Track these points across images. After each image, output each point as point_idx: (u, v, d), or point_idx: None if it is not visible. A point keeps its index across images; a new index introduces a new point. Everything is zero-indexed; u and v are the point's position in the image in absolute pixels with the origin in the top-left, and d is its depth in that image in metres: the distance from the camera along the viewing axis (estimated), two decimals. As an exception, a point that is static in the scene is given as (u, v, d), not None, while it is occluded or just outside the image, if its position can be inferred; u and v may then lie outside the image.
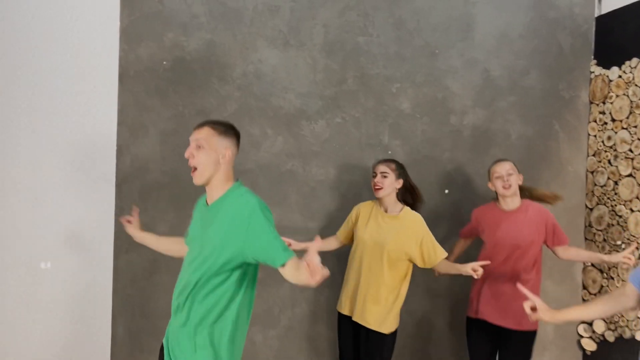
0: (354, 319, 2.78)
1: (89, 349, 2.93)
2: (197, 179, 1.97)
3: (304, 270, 1.69)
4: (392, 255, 2.72)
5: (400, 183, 2.82)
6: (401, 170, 2.83)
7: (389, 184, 2.78)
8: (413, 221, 2.77)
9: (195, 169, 1.96)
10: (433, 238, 2.77)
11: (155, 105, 3.01)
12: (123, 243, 2.96)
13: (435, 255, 2.74)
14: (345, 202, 3.24)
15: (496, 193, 2.96)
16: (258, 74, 3.13)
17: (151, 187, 3.01)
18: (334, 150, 3.25)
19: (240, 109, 3.11)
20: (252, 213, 1.87)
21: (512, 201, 2.92)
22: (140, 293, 3.01)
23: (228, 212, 1.91)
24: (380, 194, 2.78)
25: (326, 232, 3.23)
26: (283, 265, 1.82)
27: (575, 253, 3.00)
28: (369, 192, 3.22)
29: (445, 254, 2.76)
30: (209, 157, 1.95)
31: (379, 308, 2.72)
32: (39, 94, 2.83)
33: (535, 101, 3.55)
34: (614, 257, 2.74)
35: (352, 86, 3.27)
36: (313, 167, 3.22)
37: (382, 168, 2.80)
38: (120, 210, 2.96)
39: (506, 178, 2.87)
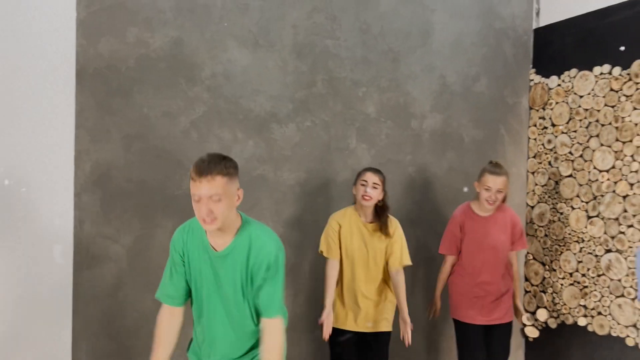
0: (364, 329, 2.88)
1: (46, 378, 2.63)
2: (215, 225, 1.86)
3: (283, 334, 1.92)
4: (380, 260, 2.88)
5: (381, 196, 2.86)
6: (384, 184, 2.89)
7: (377, 196, 2.82)
8: (395, 226, 2.90)
9: (216, 219, 1.84)
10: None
11: (117, 106, 2.76)
12: (83, 258, 2.68)
13: (402, 259, 2.89)
14: (316, 207, 3.20)
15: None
16: (227, 74, 2.98)
17: (114, 197, 2.75)
18: (304, 154, 3.19)
19: (209, 112, 2.94)
20: (276, 261, 1.93)
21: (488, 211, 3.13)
22: (105, 312, 2.75)
23: (254, 259, 1.93)
24: (369, 204, 2.81)
25: (296, 236, 3.17)
26: (271, 318, 1.92)
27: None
28: (338, 197, 3.23)
29: (410, 263, 2.93)
30: (229, 205, 1.87)
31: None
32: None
33: (485, 106, 3.75)
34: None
35: (321, 89, 3.23)
36: (284, 171, 3.14)
37: (375, 179, 2.81)
38: (80, 222, 2.68)
39: (495, 196, 2.99)
